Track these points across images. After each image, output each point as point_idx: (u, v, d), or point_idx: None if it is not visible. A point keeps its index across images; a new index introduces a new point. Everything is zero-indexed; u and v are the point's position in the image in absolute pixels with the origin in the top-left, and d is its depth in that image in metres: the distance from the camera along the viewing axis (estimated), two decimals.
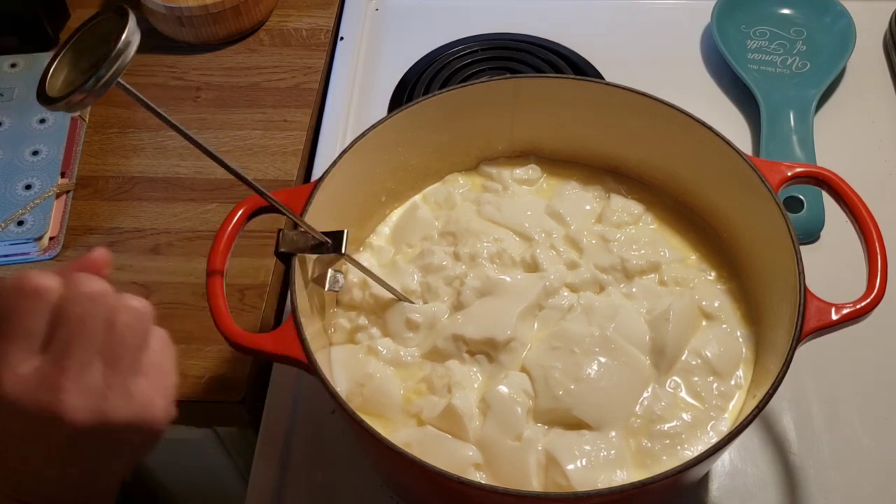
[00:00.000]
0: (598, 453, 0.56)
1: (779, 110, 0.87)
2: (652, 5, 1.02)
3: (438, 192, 0.72)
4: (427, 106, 0.66)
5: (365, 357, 0.62)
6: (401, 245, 0.69)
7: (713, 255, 0.67)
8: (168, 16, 0.94)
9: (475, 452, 0.57)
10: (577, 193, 0.70)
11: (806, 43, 0.93)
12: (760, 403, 0.50)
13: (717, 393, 0.59)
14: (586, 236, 0.66)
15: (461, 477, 0.48)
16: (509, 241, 0.67)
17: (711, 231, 0.68)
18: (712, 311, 0.63)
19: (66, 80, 0.44)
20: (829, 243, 0.81)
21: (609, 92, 0.66)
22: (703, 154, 0.63)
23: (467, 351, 0.61)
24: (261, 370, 0.75)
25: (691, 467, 0.48)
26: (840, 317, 0.54)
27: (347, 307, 0.65)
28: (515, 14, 1.00)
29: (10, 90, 0.90)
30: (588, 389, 0.57)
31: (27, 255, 0.80)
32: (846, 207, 0.58)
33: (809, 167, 0.60)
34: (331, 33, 0.99)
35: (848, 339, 0.74)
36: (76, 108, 0.43)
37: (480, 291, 0.63)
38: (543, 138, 0.72)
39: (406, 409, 0.60)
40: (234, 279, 0.76)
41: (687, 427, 0.57)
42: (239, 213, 0.58)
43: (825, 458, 0.68)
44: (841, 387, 0.72)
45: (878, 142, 0.88)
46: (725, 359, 0.60)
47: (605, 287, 0.64)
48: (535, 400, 0.58)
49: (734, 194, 0.63)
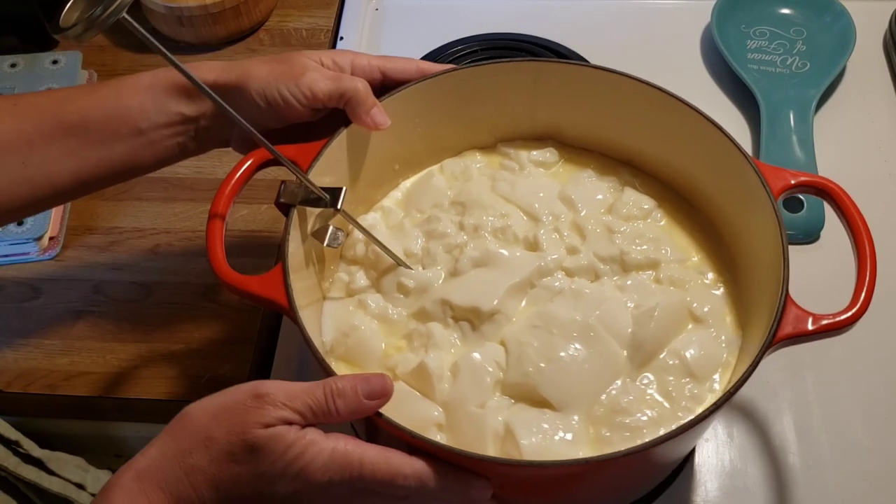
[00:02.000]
0: (555, 433, 0.56)
1: (779, 110, 0.87)
2: (652, 5, 1.02)
3: (456, 165, 0.73)
4: (447, 79, 0.66)
5: (354, 310, 0.64)
6: (411, 209, 0.70)
7: (715, 257, 0.67)
8: (168, 16, 0.94)
9: (440, 413, 0.58)
10: (592, 182, 0.71)
11: (806, 43, 0.93)
12: (719, 401, 0.51)
13: (688, 395, 0.59)
14: (592, 224, 0.67)
15: (414, 432, 0.50)
16: (516, 218, 0.67)
17: (714, 232, 0.68)
18: (702, 314, 0.63)
19: (80, 15, 0.48)
20: (829, 243, 0.81)
21: (621, 82, 0.66)
22: (713, 155, 0.64)
23: (452, 316, 0.62)
24: (261, 370, 0.75)
25: (637, 452, 0.49)
26: (816, 327, 0.54)
27: (350, 262, 0.67)
28: (515, 14, 1.00)
29: (10, 90, 0.90)
30: (557, 370, 0.58)
31: (27, 254, 0.80)
32: (844, 219, 0.58)
33: (813, 177, 0.61)
34: (331, 33, 0.99)
35: (848, 340, 0.74)
36: (85, 36, 0.48)
37: (477, 262, 0.64)
38: (564, 124, 0.72)
39: (384, 363, 0.61)
40: None
41: (650, 423, 0.57)
42: (248, 163, 0.60)
43: (825, 458, 0.68)
44: (841, 387, 0.72)
45: (878, 142, 0.88)
46: (704, 362, 0.61)
47: (601, 276, 0.65)
48: (506, 373, 0.59)
49: (738, 198, 0.63)
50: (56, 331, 0.77)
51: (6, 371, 0.74)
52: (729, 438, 0.70)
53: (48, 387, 0.74)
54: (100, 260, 0.81)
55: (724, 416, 0.71)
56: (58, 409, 0.75)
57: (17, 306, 0.78)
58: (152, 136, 0.61)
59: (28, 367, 0.75)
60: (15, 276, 0.80)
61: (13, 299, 0.79)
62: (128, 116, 0.60)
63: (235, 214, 0.83)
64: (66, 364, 0.75)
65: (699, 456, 0.69)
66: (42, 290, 0.79)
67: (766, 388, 0.72)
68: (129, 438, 0.81)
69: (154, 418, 0.76)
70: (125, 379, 0.74)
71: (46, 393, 0.73)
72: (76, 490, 0.74)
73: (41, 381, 0.74)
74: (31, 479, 0.71)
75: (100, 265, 0.81)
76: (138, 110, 0.60)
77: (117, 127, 0.60)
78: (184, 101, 0.61)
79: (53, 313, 0.78)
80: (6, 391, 0.74)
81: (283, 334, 0.77)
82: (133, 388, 0.73)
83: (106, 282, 0.79)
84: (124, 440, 0.81)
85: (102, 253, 0.81)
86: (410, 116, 0.67)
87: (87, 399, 0.73)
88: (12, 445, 0.71)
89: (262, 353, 0.76)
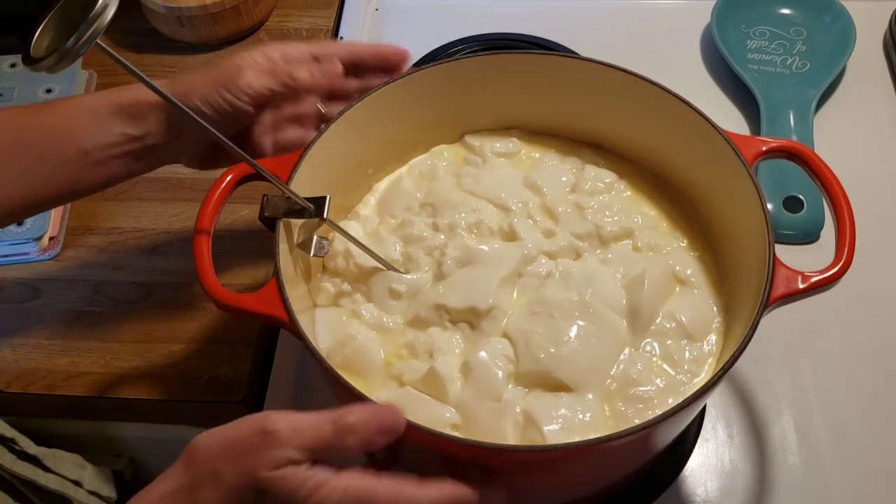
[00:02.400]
0: (574, 416, 0.57)
1: (779, 110, 0.87)
2: (652, 5, 1.02)
3: (423, 164, 0.73)
4: (412, 80, 0.67)
5: (348, 319, 0.64)
6: (384, 216, 0.70)
7: (686, 225, 0.68)
8: (168, 16, 0.94)
9: (453, 414, 0.58)
10: (555, 165, 0.71)
11: (806, 43, 0.93)
12: (726, 365, 0.51)
13: (689, 357, 0.60)
14: (562, 205, 0.68)
15: (433, 430, 0.49)
16: (487, 211, 0.68)
17: (688, 204, 0.69)
18: (685, 277, 0.64)
19: (50, 43, 0.48)
20: (829, 243, 0.80)
21: (586, 67, 0.67)
22: (680, 129, 0.65)
23: (449, 320, 0.62)
24: (261, 370, 0.75)
25: (651, 426, 0.50)
26: (807, 285, 0.55)
27: (332, 273, 0.66)
28: (515, 14, 1.00)
29: (10, 90, 0.90)
30: (568, 352, 0.59)
31: (27, 255, 0.80)
32: (818, 180, 0.60)
33: (783, 141, 0.62)
34: (331, 33, 0.99)
35: (848, 340, 0.75)
36: (57, 67, 0.47)
37: (461, 261, 0.64)
38: (528, 113, 0.73)
39: (387, 372, 0.61)
40: None
41: (659, 392, 0.58)
42: (228, 178, 0.60)
43: (825, 458, 0.68)
44: (841, 387, 0.72)
45: (878, 142, 0.88)
46: (698, 322, 0.62)
47: (582, 254, 0.65)
48: (517, 364, 0.59)
49: (711, 168, 0.64)
50: (56, 331, 0.77)
51: (6, 371, 0.74)
52: (729, 438, 0.70)
53: (48, 387, 0.74)
54: (100, 260, 0.81)
55: (723, 416, 0.71)
56: (57, 409, 0.75)
57: (17, 306, 0.78)
58: (97, 157, 0.61)
59: (28, 367, 0.75)
60: (15, 276, 0.80)
61: (13, 299, 0.79)
62: (73, 137, 0.60)
63: (235, 215, 0.83)
64: (66, 364, 0.75)
65: (699, 456, 0.69)
66: (42, 290, 0.79)
67: (766, 388, 0.72)
68: (129, 438, 0.81)
69: (154, 418, 0.77)
70: (125, 379, 0.74)
71: (46, 393, 0.73)
72: (73, 487, 0.74)
73: (41, 381, 0.74)
74: (27, 475, 0.71)
75: (100, 265, 0.81)
76: (82, 130, 0.60)
77: (63, 147, 0.60)
78: (129, 121, 0.61)
79: (53, 313, 0.78)
80: (6, 391, 0.74)
81: (282, 335, 0.77)
82: (133, 388, 0.73)
83: (106, 282, 0.79)
84: (124, 440, 0.81)
85: (102, 253, 0.81)
86: (380, 118, 0.67)
87: (86, 399, 0.73)
88: (7, 443, 0.71)
89: (262, 353, 0.76)
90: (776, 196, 0.81)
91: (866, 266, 0.68)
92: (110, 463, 0.81)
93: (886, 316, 0.76)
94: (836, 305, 0.74)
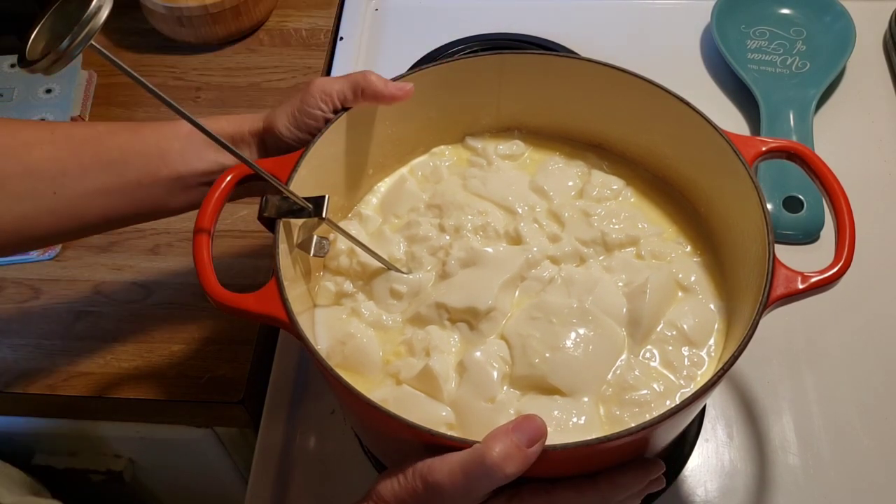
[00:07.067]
0: (569, 419, 0.57)
1: (779, 110, 0.87)
2: (652, 5, 1.02)
3: (425, 166, 0.73)
4: (412, 80, 0.67)
5: (348, 318, 0.64)
6: (388, 216, 0.70)
7: (690, 228, 0.68)
8: (168, 16, 0.94)
9: (448, 412, 0.58)
10: (560, 169, 0.71)
11: (806, 43, 0.93)
12: (725, 366, 0.51)
13: (688, 362, 0.60)
14: (568, 210, 0.68)
15: (431, 429, 0.49)
16: (494, 214, 0.68)
17: (689, 205, 0.69)
18: (689, 284, 0.64)
19: (45, 45, 0.48)
20: (829, 243, 0.80)
21: (586, 67, 0.67)
22: (681, 129, 0.65)
23: (448, 318, 0.62)
24: (261, 370, 0.75)
25: (650, 426, 0.50)
26: (807, 285, 0.55)
27: (334, 272, 0.66)
28: (515, 14, 1.00)
29: (9, 90, 0.90)
30: (564, 357, 0.59)
31: (27, 255, 0.80)
32: (818, 180, 0.60)
33: (783, 141, 0.62)
34: (331, 33, 0.99)
35: (848, 340, 0.75)
36: (53, 69, 0.47)
37: (465, 262, 0.64)
38: (528, 114, 0.73)
39: (385, 370, 0.61)
40: None
41: (657, 396, 0.58)
42: (227, 178, 0.60)
43: (825, 458, 0.68)
44: (841, 387, 0.72)
45: (878, 142, 0.88)
46: (699, 329, 0.62)
47: (586, 260, 0.66)
48: (512, 366, 0.60)
49: (710, 169, 0.64)
50: (56, 331, 0.77)
51: (6, 371, 0.74)
52: (729, 438, 0.70)
53: (48, 387, 0.74)
54: (100, 260, 0.81)
55: (723, 416, 0.71)
56: (57, 409, 0.75)
57: (17, 306, 0.78)
58: (189, 181, 0.62)
59: (28, 367, 0.75)
60: (15, 276, 0.80)
61: (13, 299, 0.79)
62: (168, 159, 0.61)
63: (236, 215, 0.83)
64: (66, 364, 0.75)
65: (699, 456, 0.69)
66: (42, 290, 0.79)
67: (766, 388, 0.72)
68: (129, 438, 0.81)
69: (154, 419, 0.77)
70: (125, 379, 0.74)
71: (46, 393, 0.73)
72: None
73: (41, 381, 0.74)
74: None
75: (100, 265, 0.81)
76: (178, 154, 0.61)
77: (156, 168, 0.61)
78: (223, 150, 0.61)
79: (53, 313, 0.78)
80: (6, 391, 0.74)
81: (283, 335, 0.77)
82: (133, 388, 0.73)
83: (106, 282, 0.79)
84: (124, 440, 0.81)
85: (102, 253, 0.81)
86: (380, 118, 0.67)
87: (86, 399, 0.73)
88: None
89: (262, 353, 0.76)
90: (776, 196, 0.81)
91: (866, 266, 0.68)
92: (110, 463, 0.81)
93: (886, 316, 0.76)
94: (836, 305, 0.74)
